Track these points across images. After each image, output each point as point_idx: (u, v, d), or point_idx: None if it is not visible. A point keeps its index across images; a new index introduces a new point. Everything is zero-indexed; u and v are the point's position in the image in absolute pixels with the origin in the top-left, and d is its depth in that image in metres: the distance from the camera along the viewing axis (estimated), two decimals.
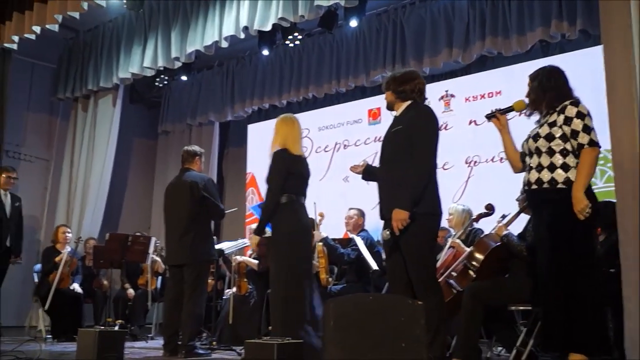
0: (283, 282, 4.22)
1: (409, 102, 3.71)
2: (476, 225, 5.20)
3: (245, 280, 6.63)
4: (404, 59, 7.09)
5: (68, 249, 7.03)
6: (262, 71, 8.59)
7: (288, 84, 8.28)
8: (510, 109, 3.66)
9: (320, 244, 5.88)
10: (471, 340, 4.02)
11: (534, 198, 3.29)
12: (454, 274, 4.57)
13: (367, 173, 4.03)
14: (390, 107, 3.84)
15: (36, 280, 7.27)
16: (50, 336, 6.69)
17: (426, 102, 3.87)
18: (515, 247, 4.14)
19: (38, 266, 7.43)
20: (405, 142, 3.58)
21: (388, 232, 3.56)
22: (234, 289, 6.60)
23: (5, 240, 6.83)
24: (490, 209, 4.87)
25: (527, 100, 3.50)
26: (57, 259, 6.84)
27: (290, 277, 4.22)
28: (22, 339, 5.77)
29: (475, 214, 5.13)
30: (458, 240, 4.90)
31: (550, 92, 3.32)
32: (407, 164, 3.53)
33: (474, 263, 4.42)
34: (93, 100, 8.82)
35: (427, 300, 3.03)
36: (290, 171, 4.35)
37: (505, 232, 4.23)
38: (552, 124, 3.24)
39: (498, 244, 4.30)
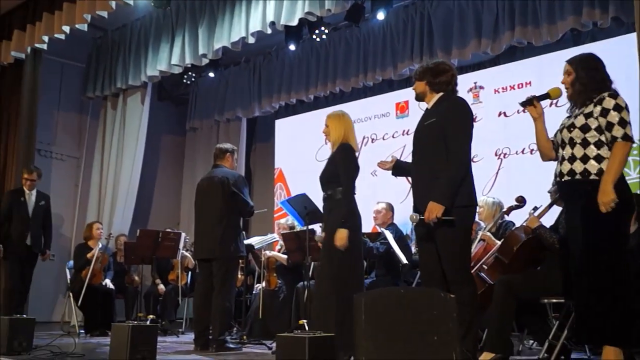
0: (338, 278, 4.12)
1: (441, 94, 3.64)
2: (507, 217, 5.14)
3: (275, 275, 6.65)
4: (432, 51, 7.02)
5: (100, 245, 7.11)
6: (289, 66, 8.59)
7: (315, 78, 8.26)
8: (546, 96, 3.54)
9: None
10: (503, 333, 3.98)
11: (566, 189, 3.23)
12: (485, 267, 4.54)
13: (397, 169, 3.97)
14: (420, 98, 3.76)
15: (69, 276, 7.38)
16: (83, 331, 6.78)
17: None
18: (548, 239, 4.09)
19: (70, 263, 7.53)
20: (439, 134, 3.50)
21: (417, 216, 3.51)
22: (264, 284, 6.63)
23: (26, 239, 6.93)
24: (521, 202, 4.81)
25: (563, 88, 3.39)
26: (89, 255, 6.93)
27: (347, 274, 4.14)
28: (56, 333, 5.86)
29: (505, 206, 5.08)
30: (489, 234, 4.85)
31: (595, 84, 3.22)
32: (442, 157, 3.47)
33: (505, 256, 4.38)
34: (122, 98, 8.92)
35: (460, 294, 2.99)
36: (357, 167, 4.34)
37: (537, 225, 4.17)
38: (589, 115, 3.16)
39: (530, 236, 4.24)
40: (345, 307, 3.86)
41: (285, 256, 6.54)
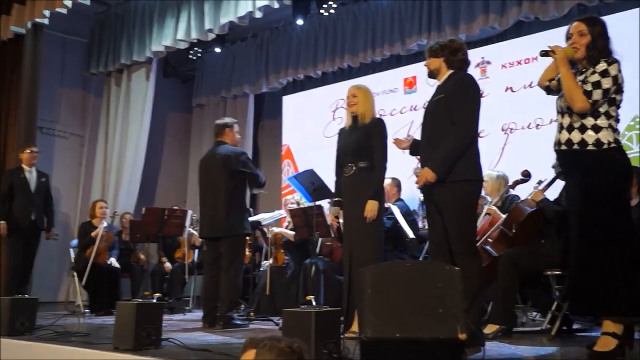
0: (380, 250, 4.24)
1: (452, 71, 3.65)
2: (512, 191, 5.13)
3: (282, 251, 6.64)
4: (440, 26, 6.95)
5: (104, 223, 7.10)
6: (297, 41, 8.52)
7: (323, 54, 8.19)
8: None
9: None
10: (507, 305, 4.13)
11: (564, 159, 3.23)
12: (490, 240, 4.58)
13: (414, 147, 3.92)
14: (433, 75, 3.75)
15: (73, 255, 7.35)
16: (88, 310, 6.78)
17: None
18: (551, 212, 4.17)
19: (74, 241, 7.51)
20: (447, 110, 3.51)
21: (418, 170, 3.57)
22: (271, 261, 6.62)
23: (31, 215, 6.93)
24: (526, 175, 4.83)
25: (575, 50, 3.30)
26: (93, 233, 6.90)
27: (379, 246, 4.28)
28: (60, 313, 5.85)
29: (511, 180, 5.08)
30: (494, 207, 4.86)
31: (604, 51, 3.17)
32: (449, 132, 3.48)
33: (509, 229, 4.46)
34: (126, 74, 8.85)
35: (465, 267, 2.99)
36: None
37: (541, 198, 4.25)
38: (585, 82, 3.12)
39: (534, 209, 4.32)
40: None
41: (292, 232, 6.52)
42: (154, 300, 5.78)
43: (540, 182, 4.47)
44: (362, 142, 4.35)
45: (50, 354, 3.93)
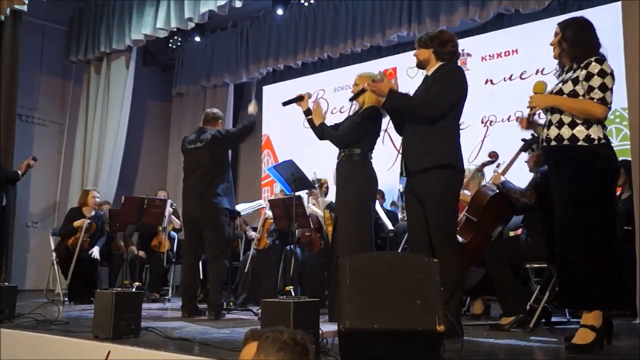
0: (354, 239, 4.09)
1: (442, 63, 3.66)
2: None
3: (266, 235, 6.64)
4: (420, 17, 6.98)
5: (93, 213, 7.04)
6: (277, 31, 8.50)
7: (303, 44, 8.19)
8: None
9: (327, 210, 5.88)
10: (511, 297, 4.11)
11: (554, 155, 3.21)
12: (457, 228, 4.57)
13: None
14: (422, 66, 3.75)
15: (52, 244, 7.26)
16: (67, 299, 6.75)
17: None
18: (513, 193, 4.19)
19: (54, 229, 7.47)
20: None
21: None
22: (255, 244, 6.61)
23: (2, 200, 6.84)
24: (493, 157, 4.84)
25: (549, 86, 3.34)
26: (76, 223, 6.85)
27: (363, 236, 4.13)
28: (40, 302, 5.82)
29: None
30: (467, 192, 4.89)
31: (582, 46, 3.18)
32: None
33: (474, 214, 4.48)
34: (106, 62, 8.79)
35: (445, 260, 3.01)
36: (378, 131, 4.31)
37: (501, 180, 4.27)
38: (576, 81, 3.13)
39: (495, 192, 4.34)
40: None
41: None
42: (134, 290, 5.78)
43: (498, 165, 4.50)
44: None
45: (30, 342, 3.93)
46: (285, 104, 4.50)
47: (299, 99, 4.42)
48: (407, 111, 3.60)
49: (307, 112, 4.42)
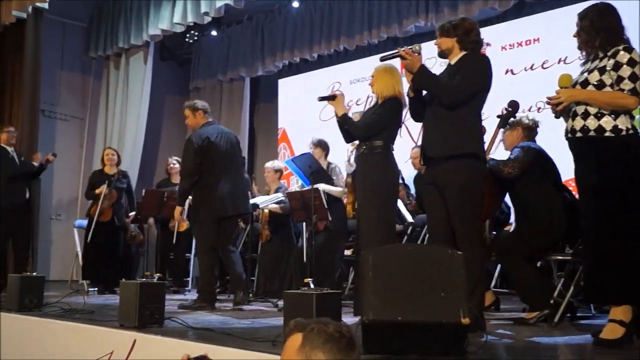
0: (380, 231, 4.07)
1: (465, 52, 3.57)
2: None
3: (267, 227, 6.68)
4: (438, 7, 6.91)
5: (115, 170, 7.07)
6: (293, 24, 8.49)
7: (319, 36, 8.16)
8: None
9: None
10: (532, 292, 4.04)
11: (580, 147, 3.13)
12: None
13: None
14: (444, 55, 3.66)
15: (77, 236, 7.41)
16: (92, 289, 6.84)
17: None
18: (499, 169, 4.14)
19: (78, 222, 7.61)
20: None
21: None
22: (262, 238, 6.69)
23: (25, 193, 6.93)
24: (513, 106, 4.44)
25: (573, 76, 3.28)
26: (97, 191, 6.85)
27: (386, 230, 4.13)
28: (66, 292, 5.92)
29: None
30: None
31: (602, 32, 3.09)
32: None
33: None
34: (125, 58, 8.86)
35: (468, 252, 2.96)
36: (399, 122, 4.28)
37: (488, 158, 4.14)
38: (602, 70, 3.05)
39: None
40: None
41: (277, 205, 6.53)
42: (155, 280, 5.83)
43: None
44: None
45: (59, 330, 4.05)
46: (320, 99, 4.46)
47: (331, 98, 4.37)
48: (433, 92, 3.52)
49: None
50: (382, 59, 3.85)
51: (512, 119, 4.31)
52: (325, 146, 6.10)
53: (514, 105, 4.31)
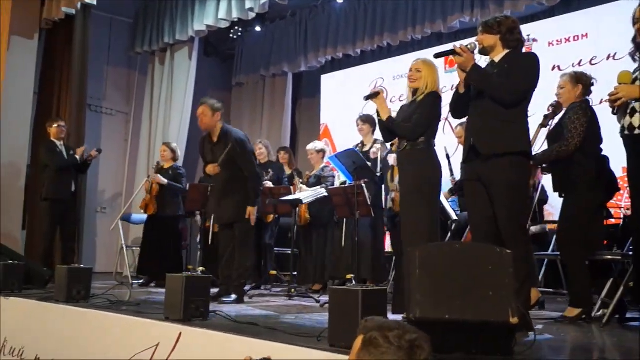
0: (422, 231, 3.99)
1: (509, 50, 3.51)
2: None
3: (306, 210, 6.70)
4: (483, 3, 6.84)
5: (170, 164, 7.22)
6: (336, 20, 8.50)
7: (362, 32, 8.15)
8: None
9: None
10: (578, 288, 4.00)
11: (628, 144, 3.08)
12: None
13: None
14: (486, 52, 3.60)
15: (122, 230, 7.57)
16: (137, 282, 6.97)
17: None
18: (555, 154, 4.13)
19: (124, 215, 7.78)
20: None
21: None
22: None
23: (71, 186, 7.08)
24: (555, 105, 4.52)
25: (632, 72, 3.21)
26: (145, 186, 7.07)
27: (431, 224, 4.06)
28: (112, 284, 6.04)
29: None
30: None
31: None
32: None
33: None
34: (170, 53, 9.00)
35: (516, 250, 2.91)
36: (440, 116, 4.24)
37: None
38: None
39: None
40: None
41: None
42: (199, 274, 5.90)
43: None
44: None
45: (106, 321, 4.11)
46: (365, 99, 4.41)
47: (374, 96, 4.35)
48: (488, 89, 3.44)
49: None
50: (436, 56, 3.77)
51: (551, 120, 4.21)
52: (373, 122, 6.04)
53: (559, 105, 4.24)
